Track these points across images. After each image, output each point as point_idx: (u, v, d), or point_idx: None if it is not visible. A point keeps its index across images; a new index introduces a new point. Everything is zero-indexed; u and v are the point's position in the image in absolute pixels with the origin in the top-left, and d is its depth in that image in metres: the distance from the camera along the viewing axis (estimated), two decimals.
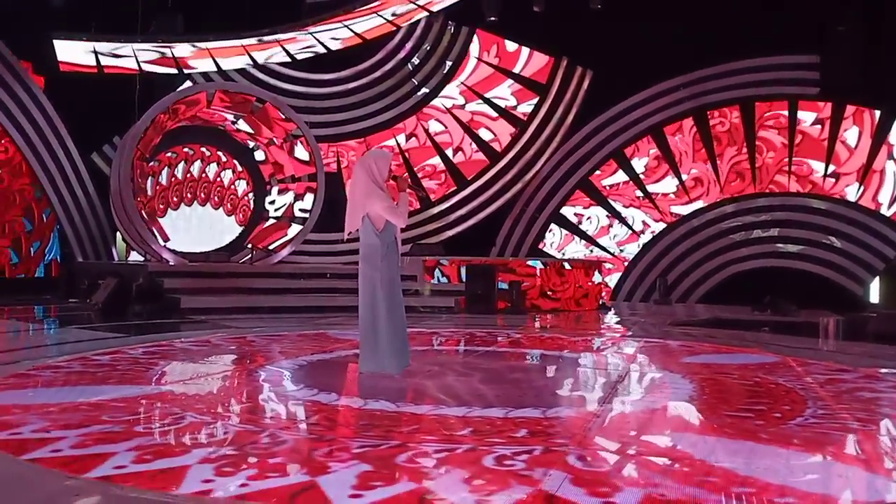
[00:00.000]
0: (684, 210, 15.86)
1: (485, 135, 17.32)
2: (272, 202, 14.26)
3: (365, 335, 5.33)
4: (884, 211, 14.40)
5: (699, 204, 15.77)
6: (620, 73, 15.40)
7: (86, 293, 10.94)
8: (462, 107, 17.40)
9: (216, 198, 14.56)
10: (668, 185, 16.04)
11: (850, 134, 14.77)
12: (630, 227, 16.21)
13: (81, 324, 8.65)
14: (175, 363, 5.90)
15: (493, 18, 15.51)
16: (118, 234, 14.29)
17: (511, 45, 17.24)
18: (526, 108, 17.18)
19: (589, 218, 16.52)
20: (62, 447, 3.21)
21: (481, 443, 3.40)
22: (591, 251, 16.34)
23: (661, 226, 15.99)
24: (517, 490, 2.74)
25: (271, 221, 14.10)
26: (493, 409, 4.17)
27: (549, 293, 12.73)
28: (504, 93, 17.30)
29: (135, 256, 14.13)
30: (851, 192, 14.71)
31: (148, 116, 12.23)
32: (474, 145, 17.31)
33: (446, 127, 17.43)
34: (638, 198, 16.19)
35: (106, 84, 14.40)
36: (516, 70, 17.25)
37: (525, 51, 17.18)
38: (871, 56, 13.69)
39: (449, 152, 17.35)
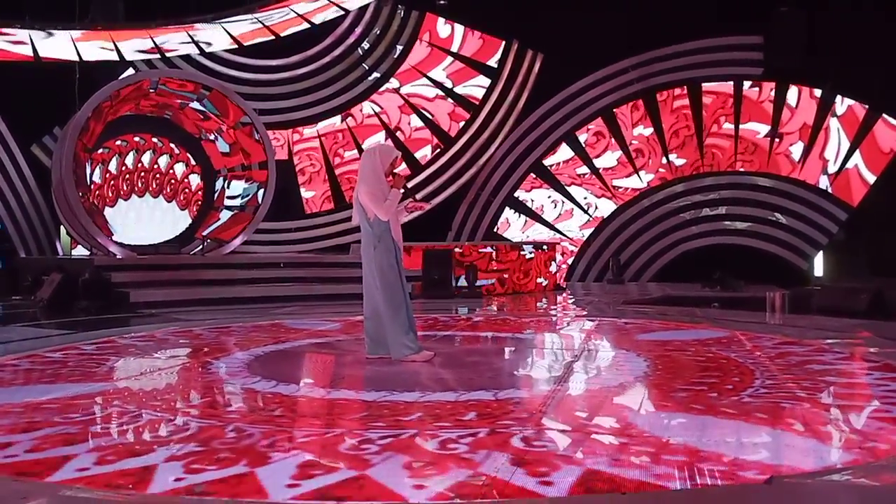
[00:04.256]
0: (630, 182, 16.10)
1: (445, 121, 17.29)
2: (221, 192, 13.97)
3: (367, 321, 5.45)
4: (830, 169, 14.74)
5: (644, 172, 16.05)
6: (571, 55, 15.50)
7: (30, 289, 10.60)
8: (445, 98, 17.26)
9: (160, 187, 14.17)
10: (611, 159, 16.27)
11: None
12: (584, 210, 16.38)
13: (26, 321, 8.37)
14: (127, 359, 5.76)
15: (442, 2, 15.42)
16: (62, 227, 13.86)
17: (449, 28, 17.16)
18: (479, 92, 17.17)
19: (553, 201, 16.65)
20: None
21: (496, 426, 3.43)
22: (535, 234, 16.49)
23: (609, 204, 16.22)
24: (567, 471, 2.77)
25: (223, 213, 13.82)
26: (481, 391, 4.21)
27: (504, 276, 12.81)
28: (484, 81, 17.20)
29: (80, 251, 13.73)
30: (796, 151, 15.05)
31: (89, 105, 11.84)
32: (434, 135, 17.23)
33: (425, 124, 17.29)
34: (582, 175, 16.36)
35: (44, 73, 13.88)
36: (468, 54, 17.21)
37: (475, 34, 17.15)
38: (814, 36, 14.04)
39: (427, 150, 17.22)
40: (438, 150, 17.20)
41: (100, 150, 13.50)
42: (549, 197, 16.56)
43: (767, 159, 15.28)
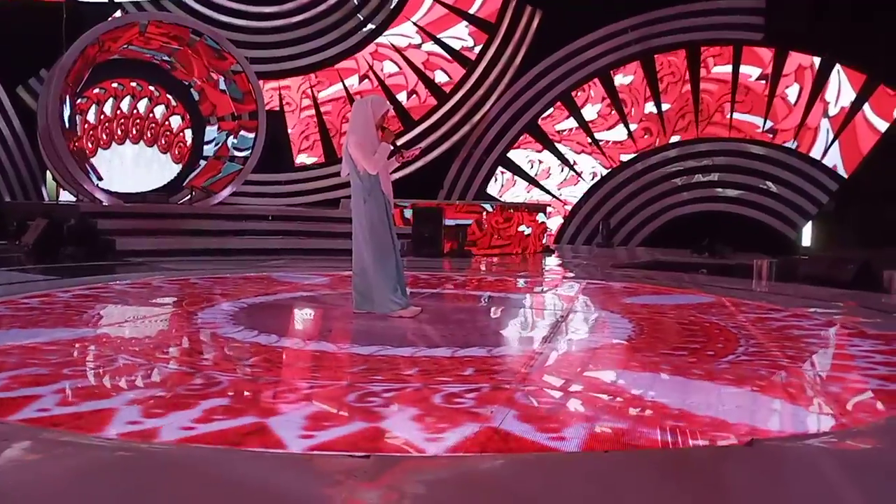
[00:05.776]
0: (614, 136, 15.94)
1: (440, 77, 16.99)
2: (211, 141, 13.79)
3: (355, 275, 5.39)
4: (831, 111, 14.43)
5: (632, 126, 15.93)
6: (571, 12, 15.25)
7: (14, 234, 10.48)
8: (418, 46, 16.97)
9: (154, 137, 13.98)
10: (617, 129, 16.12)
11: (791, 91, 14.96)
12: (571, 167, 16.28)
13: (10, 266, 8.29)
14: (110, 306, 5.72)
15: None
16: (48, 172, 13.67)
17: None
18: (457, 43, 16.90)
19: (539, 162, 16.54)
20: None
21: (430, 382, 3.40)
22: (530, 195, 16.42)
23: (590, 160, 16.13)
24: (467, 427, 2.74)
25: (217, 162, 13.63)
26: (439, 349, 4.18)
27: (494, 236, 12.78)
28: (460, 33, 16.91)
29: (66, 196, 13.57)
30: (792, 94, 14.89)
31: (76, 48, 11.57)
32: (427, 90, 16.96)
33: (401, 69, 17.00)
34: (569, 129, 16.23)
35: (30, 12, 13.50)
36: (469, 9, 16.87)
37: None
38: (815, 2, 13.83)
39: (402, 96, 16.97)
40: (414, 94, 16.97)
41: (95, 91, 13.25)
42: (528, 157, 16.43)
43: (766, 105, 15.07)
